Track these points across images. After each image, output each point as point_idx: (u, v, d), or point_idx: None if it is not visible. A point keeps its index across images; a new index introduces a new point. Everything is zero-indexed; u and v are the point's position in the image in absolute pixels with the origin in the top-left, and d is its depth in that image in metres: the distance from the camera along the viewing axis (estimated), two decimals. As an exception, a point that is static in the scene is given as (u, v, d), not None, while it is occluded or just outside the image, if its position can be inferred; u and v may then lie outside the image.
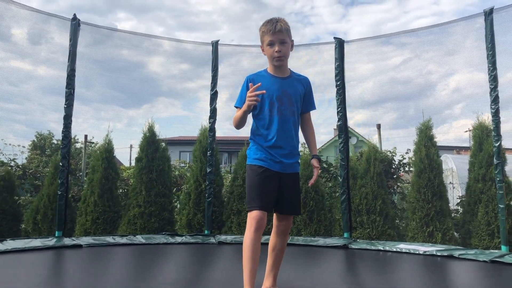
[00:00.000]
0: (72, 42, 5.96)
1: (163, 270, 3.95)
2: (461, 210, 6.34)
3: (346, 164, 6.14)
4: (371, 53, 6.78)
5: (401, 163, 7.09)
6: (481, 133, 6.01)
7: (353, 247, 5.31)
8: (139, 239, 5.54)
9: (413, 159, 6.36)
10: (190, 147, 7.87)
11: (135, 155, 6.90)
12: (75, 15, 5.98)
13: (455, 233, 6.01)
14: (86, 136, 9.20)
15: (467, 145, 8.07)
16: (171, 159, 7.03)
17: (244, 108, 2.64)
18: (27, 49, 6.35)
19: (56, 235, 5.68)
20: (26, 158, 8.21)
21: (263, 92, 2.62)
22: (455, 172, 8.77)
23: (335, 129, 8.49)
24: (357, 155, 7.28)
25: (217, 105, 6.55)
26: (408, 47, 6.79)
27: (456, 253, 4.71)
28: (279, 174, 2.74)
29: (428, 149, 6.09)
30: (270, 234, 2.95)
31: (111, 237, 5.58)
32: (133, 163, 7.84)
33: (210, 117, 6.56)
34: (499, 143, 5.21)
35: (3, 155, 7.44)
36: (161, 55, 7.39)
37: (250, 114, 2.74)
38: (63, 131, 5.87)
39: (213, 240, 5.65)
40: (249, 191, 2.73)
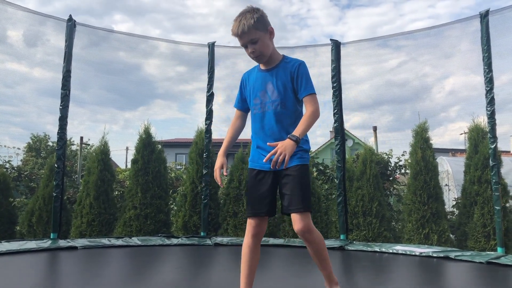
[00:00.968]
0: (67, 43, 5.93)
1: (159, 272, 3.94)
2: (457, 212, 6.35)
3: (342, 166, 6.15)
4: (368, 56, 6.81)
5: (397, 165, 7.11)
6: (476, 135, 6.03)
7: (350, 248, 5.31)
8: (135, 241, 5.52)
9: (409, 161, 6.37)
10: (186, 149, 7.86)
11: (131, 157, 6.89)
12: (70, 16, 5.96)
13: (451, 235, 6.02)
14: (81, 138, 9.19)
15: (463, 147, 8.09)
16: (167, 161, 7.02)
17: (216, 161, 2.67)
18: (23, 51, 6.35)
19: (51, 237, 5.65)
20: (21, 160, 8.20)
21: (220, 184, 2.62)
22: (451, 174, 8.79)
23: (331, 131, 8.48)
24: (353, 157, 7.28)
25: (213, 107, 6.55)
26: (404, 49, 6.82)
27: (452, 255, 4.72)
28: (271, 172, 2.55)
29: (424, 151, 6.11)
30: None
31: (107, 239, 5.56)
32: (129, 165, 7.82)
33: (206, 119, 6.55)
34: (494, 145, 5.23)
35: (-2, 157, 7.41)
36: (157, 57, 7.40)
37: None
38: (58, 133, 5.85)
39: (209, 242, 5.64)
40: (246, 196, 2.69)
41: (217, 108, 6.66)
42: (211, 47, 6.65)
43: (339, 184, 6.12)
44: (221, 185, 2.65)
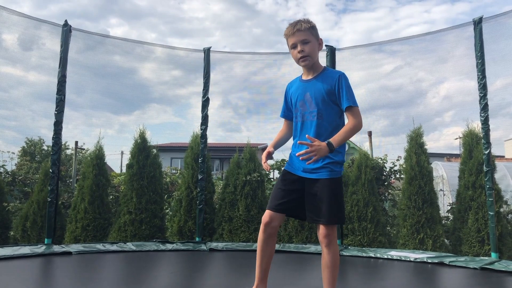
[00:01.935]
0: (63, 48, 5.93)
1: (154, 277, 3.93)
2: (451, 217, 6.38)
3: (337, 171, 6.15)
4: (363, 61, 6.83)
5: (392, 170, 7.13)
6: (471, 141, 6.06)
7: (345, 254, 5.31)
8: (130, 246, 5.50)
9: (404, 166, 6.40)
10: (181, 153, 7.85)
11: (126, 161, 6.87)
12: (66, 21, 5.96)
13: (446, 240, 6.04)
14: (76, 142, 9.17)
15: (458, 152, 8.13)
16: (162, 165, 7.01)
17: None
18: (18, 55, 6.32)
19: (45, 242, 5.62)
20: (15, 164, 8.15)
21: (266, 167, 2.78)
22: (446, 179, 8.82)
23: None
24: (348, 162, 7.30)
25: (209, 112, 6.55)
26: (399, 54, 6.85)
27: (446, 260, 4.73)
28: (302, 179, 2.67)
29: (418, 156, 6.13)
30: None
31: (101, 244, 5.54)
32: (124, 170, 7.80)
33: (201, 124, 6.55)
34: (488, 151, 5.26)
35: (-8, 161, 7.37)
36: (153, 61, 7.39)
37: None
38: (53, 137, 5.83)
39: (204, 247, 5.63)
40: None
41: (212, 112, 6.68)
42: (207, 52, 6.66)
43: (334, 189, 6.11)
44: (267, 167, 2.79)
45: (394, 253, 5.18)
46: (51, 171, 5.82)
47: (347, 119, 2.67)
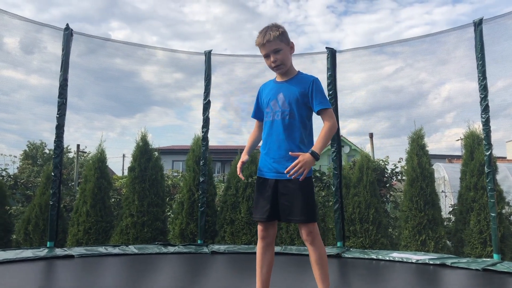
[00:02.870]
0: (64, 52, 5.95)
1: (156, 280, 3.93)
2: (453, 218, 6.37)
3: (339, 173, 6.16)
4: (364, 62, 6.84)
5: (394, 172, 7.12)
6: (472, 142, 6.05)
7: (347, 256, 5.31)
8: (132, 249, 5.50)
9: (405, 168, 6.39)
10: (183, 156, 7.86)
11: (128, 164, 6.88)
12: (67, 25, 5.99)
13: (448, 242, 6.03)
14: (78, 145, 9.18)
15: (459, 153, 8.12)
16: (164, 168, 7.01)
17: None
18: (20, 58, 6.34)
19: (47, 246, 5.63)
20: (17, 167, 8.17)
21: (242, 177, 2.85)
22: (447, 180, 8.82)
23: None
24: (350, 164, 7.29)
25: (210, 114, 6.56)
26: (400, 56, 6.86)
27: (448, 262, 4.72)
28: (275, 181, 2.68)
29: (420, 158, 6.13)
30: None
31: (104, 247, 5.54)
32: (126, 173, 7.81)
33: (203, 127, 6.56)
34: (490, 152, 5.26)
35: (-5, 164, 7.39)
36: (154, 64, 7.41)
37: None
38: (55, 140, 5.85)
39: (206, 250, 5.63)
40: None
41: (214, 115, 6.69)
42: (208, 55, 6.67)
43: (335, 191, 6.13)
44: (242, 178, 2.85)
45: (396, 255, 5.17)
46: (53, 174, 5.84)
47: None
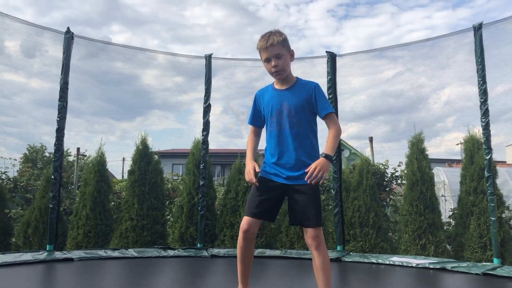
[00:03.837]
0: (65, 55, 5.97)
1: (155, 283, 3.92)
2: (453, 222, 6.36)
3: (338, 177, 6.16)
4: (364, 67, 6.85)
5: (394, 175, 7.13)
6: (472, 146, 6.05)
7: (346, 260, 5.31)
8: (131, 252, 5.50)
9: (405, 172, 6.39)
10: (183, 159, 7.86)
11: (127, 168, 6.88)
12: (68, 28, 6.00)
13: (448, 246, 6.02)
14: (78, 149, 9.18)
15: (459, 158, 8.13)
16: (164, 172, 7.01)
17: (247, 165, 2.80)
18: (21, 62, 6.35)
19: (47, 249, 5.62)
20: (17, 171, 8.16)
21: (256, 184, 2.72)
22: (447, 184, 8.82)
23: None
24: (349, 168, 7.30)
25: (210, 118, 6.56)
26: (400, 60, 6.88)
27: (448, 266, 4.72)
28: (283, 185, 2.73)
29: (420, 162, 6.13)
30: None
31: (103, 250, 5.54)
32: (126, 176, 7.80)
33: (203, 130, 6.56)
34: (489, 156, 5.26)
35: (-5, 168, 7.39)
36: (155, 68, 7.42)
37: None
38: (55, 144, 5.85)
39: (205, 253, 5.62)
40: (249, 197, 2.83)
41: (214, 118, 6.69)
42: (208, 59, 6.69)
43: (335, 195, 6.13)
44: (256, 184, 2.76)
45: (396, 259, 5.17)
46: (53, 177, 5.84)
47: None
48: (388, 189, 7.05)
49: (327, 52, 6.40)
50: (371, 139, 7.61)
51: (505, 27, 5.47)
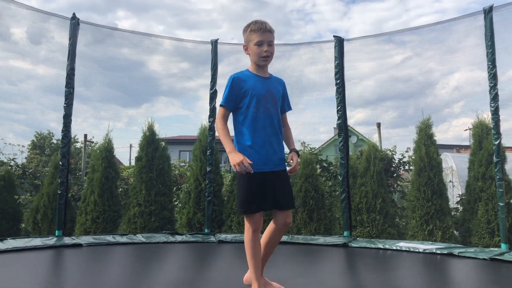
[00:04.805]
0: (71, 41, 5.95)
1: (163, 269, 3.95)
2: (461, 208, 6.34)
3: (346, 163, 6.14)
4: (372, 51, 6.77)
5: (401, 161, 7.10)
6: (481, 132, 6.00)
7: (353, 245, 5.31)
8: (139, 238, 5.54)
9: (413, 157, 6.36)
10: (190, 146, 7.87)
11: (135, 154, 6.90)
12: (74, 14, 5.98)
13: (455, 232, 6.01)
14: (85, 135, 9.22)
15: (467, 143, 8.06)
16: (171, 158, 7.03)
17: (229, 152, 2.67)
18: (27, 48, 6.35)
19: (56, 234, 5.68)
20: (25, 157, 8.22)
21: (251, 170, 2.64)
22: (455, 170, 8.76)
23: (335, 128, 8.46)
24: (357, 154, 7.27)
25: (216, 104, 6.54)
26: (409, 45, 6.78)
27: (455, 251, 4.70)
28: (269, 173, 2.81)
29: (427, 147, 6.09)
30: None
31: (111, 236, 5.58)
32: (133, 163, 7.83)
33: (209, 116, 6.55)
34: (498, 141, 5.21)
35: (3, 154, 7.47)
36: (161, 53, 7.39)
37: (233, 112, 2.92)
38: (62, 130, 5.87)
39: (213, 239, 5.65)
40: (243, 195, 2.79)
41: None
42: (214, 44, 6.64)
43: (342, 181, 6.11)
44: (251, 170, 2.70)
45: (403, 244, 5.16)
46: (60, 164, 5.87)
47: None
48: (395, 175, 7.02)
49: (334, 36, 6.32)
50: (378, 125, 7.57)
51: (516, 10, 5.37)
